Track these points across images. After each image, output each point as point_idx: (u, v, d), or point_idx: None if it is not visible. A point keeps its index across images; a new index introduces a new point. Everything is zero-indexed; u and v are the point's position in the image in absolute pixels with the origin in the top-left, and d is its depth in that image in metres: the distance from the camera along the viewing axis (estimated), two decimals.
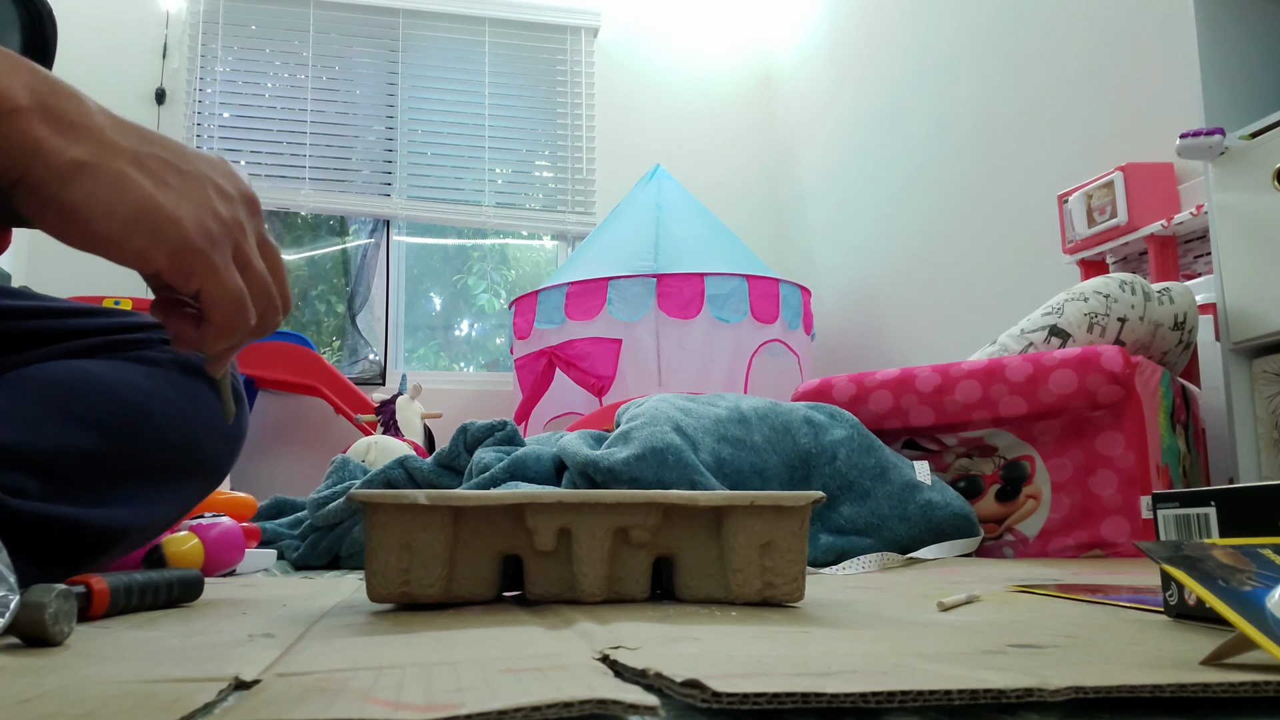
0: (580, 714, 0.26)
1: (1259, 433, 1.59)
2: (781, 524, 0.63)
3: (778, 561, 0.62)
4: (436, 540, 0.60)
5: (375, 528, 0.61)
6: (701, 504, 0.63)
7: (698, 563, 0.64)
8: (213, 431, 0.80)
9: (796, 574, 0.63)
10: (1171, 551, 0.41)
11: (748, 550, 0.62)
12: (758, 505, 0.62)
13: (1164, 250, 2.01)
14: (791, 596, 0.63)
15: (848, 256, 3.38)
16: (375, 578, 0.60)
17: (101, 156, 0.44)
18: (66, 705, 0.28)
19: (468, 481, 1.75)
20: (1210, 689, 0.30)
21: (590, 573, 0.62)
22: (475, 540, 0.62)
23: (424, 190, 3.68)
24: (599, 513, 0.62)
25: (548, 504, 0.61)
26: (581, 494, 0.62)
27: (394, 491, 0.60)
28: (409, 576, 0.60)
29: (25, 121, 0.43)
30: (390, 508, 0.60)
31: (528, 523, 0.62)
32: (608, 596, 0.63)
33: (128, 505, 0.69)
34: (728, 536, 0.63)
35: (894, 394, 1.79)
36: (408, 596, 0.61)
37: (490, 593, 0.63)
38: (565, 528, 0.62)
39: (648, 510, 0.62)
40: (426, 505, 0.60)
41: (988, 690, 0.29)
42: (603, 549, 0.62)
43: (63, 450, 0.67)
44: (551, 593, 0.63)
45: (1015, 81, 2.63)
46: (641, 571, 0.64)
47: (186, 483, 0.78)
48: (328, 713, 0.26)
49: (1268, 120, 1.58)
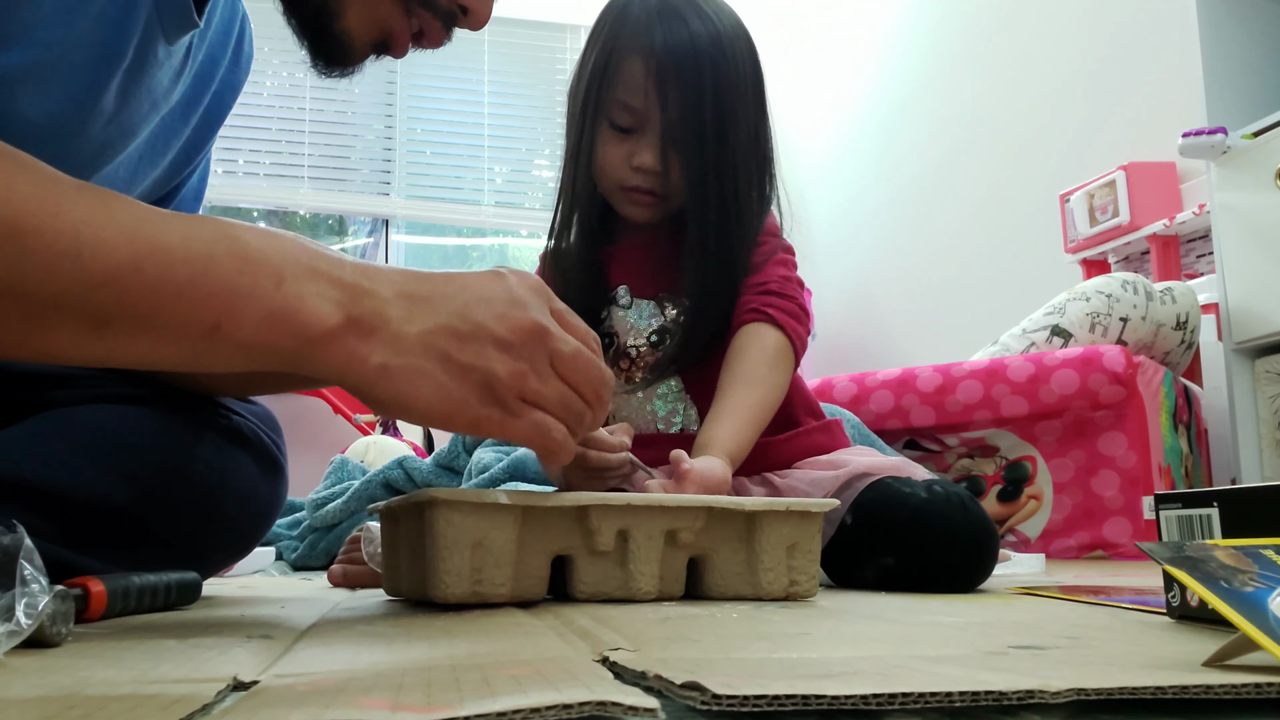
0: (580, 715, 0.26)
1: (1261, 433, 1.59)
2: (805, 527, 0.69)
3: (800, 561, 0.69)
4: (509, 540, 0.62)
5: (450, 526, 0.60)
6: (747, 509, 0.68)
7: (729, 563, 0.69)
8: (245, 504, 0.78)
9: (814, 572, 0.70)
10: (1173, 552, 0.41)
11: (777, 551, 0.68)
12: (790, 511, 0.68)
13: (1166, 250, 2.00)
14: (810, 592, 0.70)
15: (848, 256, 3.38)
16: (447, 577, 0.60)
17: (397, 355, 0.50)
18: (64, 706, 0.28)
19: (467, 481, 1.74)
20: (1212, 690, 0.30)
21: (646, 572, 0.66)
22: (534, 541, 0.64)
23: (423, 189, 3.68)
24: (656, 515, 0.66)
25: (613, 506, 0.65)
26: (643, 497, 0.66)
27: (472, 490, 0.61)
28: (481, 576, 0.61)
29: (338, 342, 0.49)
30: (467, 506, 0.61)
31: (591, 523, 0.64)
32: (659, 595, 0.67)
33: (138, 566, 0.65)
34: (760, 539, 0.68)
35: (895, 394, 1.78)
36: (479, 596, 0.61)
37: (542, 592, 0.65)
38: (624, 529, 0.65)
39: (696, 514, 0.67)
40: (503, 505, 0.61)
41: (989, 692, 0.29)
42: (657, 549, 0.66)
43: (90, 500, 0.67)
44: (603, 592, 0.65)
45: (1016, 81, 2.63)
46: (681, 571, 0.68)
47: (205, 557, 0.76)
48: (326, 713, 0.26)
49: (1270, 119, 1.58)
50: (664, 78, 0.91)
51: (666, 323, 0.97)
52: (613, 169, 0.95)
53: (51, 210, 0.44)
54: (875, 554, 0.81)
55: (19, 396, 0.72)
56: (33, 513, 0.62)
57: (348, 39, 0.66)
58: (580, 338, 0.57)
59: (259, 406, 0.84)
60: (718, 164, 0.93)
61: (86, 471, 0.67)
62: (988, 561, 0.82)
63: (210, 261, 0.47)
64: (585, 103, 0.95)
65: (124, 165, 0.71)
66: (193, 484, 0.73)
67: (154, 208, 0.49)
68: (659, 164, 0.93)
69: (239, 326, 0.48)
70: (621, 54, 0.93)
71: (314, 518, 1.86)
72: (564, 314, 0.57)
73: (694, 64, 0.91)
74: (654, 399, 0.98)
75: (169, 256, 0.46)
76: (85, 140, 0.66)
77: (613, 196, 0.98)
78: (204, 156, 0.85)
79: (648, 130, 0.93)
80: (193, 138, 0.79)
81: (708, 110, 0.92)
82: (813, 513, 0.69)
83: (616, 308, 0.99)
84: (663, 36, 0.91)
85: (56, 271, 0.44)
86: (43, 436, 0.69)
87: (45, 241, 0.44)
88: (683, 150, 0.93)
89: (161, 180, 0.79)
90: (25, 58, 0.58)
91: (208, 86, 0.78)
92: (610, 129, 0.94)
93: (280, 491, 0.83)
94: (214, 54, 0.77)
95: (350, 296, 0.50)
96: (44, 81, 0.60)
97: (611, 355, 0.98)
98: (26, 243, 0.44)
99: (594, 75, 0.95)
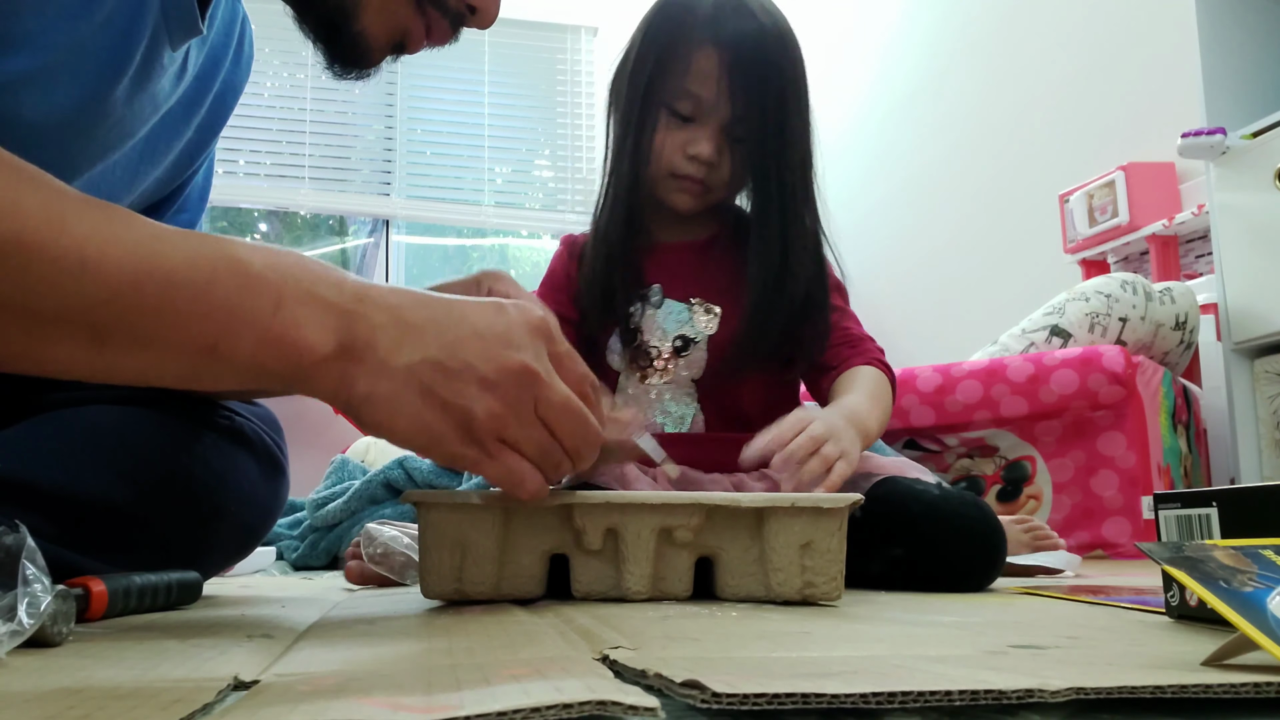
0: (580, 715, 0.26)
1: (1260, 433, 1.59)
2: (821, 524, 0.64)
3: (817, 561, 0.64)
4: (488, 539, 0.62)
5: (430, 527, 0.62)
6: (744, 505, 0.65)
7: (739, 562, 0.66)
8: (246, 504, 0.78)
9: (835, 573, 0.65)
10: (1173, 552, 0.41)
11: (788, 550, 0.64)
12: (798, 507, 0.64)
13: (1165, 250, 2.00)
14: (830, 595, 0.64)
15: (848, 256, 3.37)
16: (430, 575, 0.63)
17: (381, 384, 0.51)
18: (65, 706, 0.28)
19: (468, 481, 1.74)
20: (1211, 690, 0.30)
21: (636, 571, 0.64)
22: (524, 539, 0.64)
23: (423, 190, 3.68)
24: (644, 513, 0.64)
25: (596, 504, 0.63)
26: (629, 495, 0.65)
27: (449, 491, 0.62)
28: (462, 574, 0.62)
29: (329, 366, 0.50)
30: (445, 507, 0.62)
31: (576, 522, 0.64)
32: (653, 595, 0.65)
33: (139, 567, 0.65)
34: (769, 537, 0.65)
35: None
36: (461, 593, 0.63)
37: (538, 590, 0.65)
38: (612, 528, 0.64)
39: (691, 511, 0.64)
40: (479, 505, 0.62)
41: (988, 691, 0.29)
42: (648, 549, 0.64)
43: (91, 500, 0.67)
44: (597, 590, 0.65)
45: (1016, 81, 2.63)
46: (684, 570, 0.66)
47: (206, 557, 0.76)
48: (327, 713, 0.26)
49: (1269, 120, 1.58)
50: (735, 70, 0.92)
51: (693, 331, 0.98)
52: (667, 155, 0.96)
53: (57, 226, 0.45)
54: (883, 545, 0.80)
55: (19, 397, 0.72)
56: (33, 513, 0.62)
57: (365, 40, 0.67)
58: (575, 384, 0.57)
59: (260, 407, 0.84)
60: (778, 158, 0.95)
61: (87, 471, 0.67)
62: (996, 563, 0.82)
63: (211, 282, 0.48)
64: (645, 89, 0.95)
65: (121, 165, 0.71)
66: (193, 484, 0.73)
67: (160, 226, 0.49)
68: (715, 155, 0.94)
69: (235, 348, 0.48)
70: (692, 44, 0.93)
71: (315, 517, 1.86)
72: (563, 358, 0.57)
73: (763, 59, 0.93)
74: (666, 398, 0.98)
75: (171, 276, 0.47)
76: (88, 141, 0.66)
77: (660, 183, 0.98)
78: (207, 156, 0.85)
79: (708, 120, 0.94)
80: (195, 139, 0.79)
81: (771, 104, 0.93)
82: (827, 509, 0.64)
83: (648, 305, 0.99)
84: (735, 30, 0.92)
85: (59, 287, 0.45)
86: (43, 437, 0.69)
87: (49, 257, 0.44)
88: (743, 144, 0.95)
89: (164, 180, 0.79)
90: (29, 63, 0.59)
91: (209, 88, 0.78)
92: (669, 116, 0.95)
93: (281, 491, 0.83)
94: (216, 56, 0.77)
95: (344, 322, 0.50)
96: (48, 86, 0.60)
97: (632, 352, 0.98)
98: (31, 258, 0.44)
99: (659, 63, 0.95)
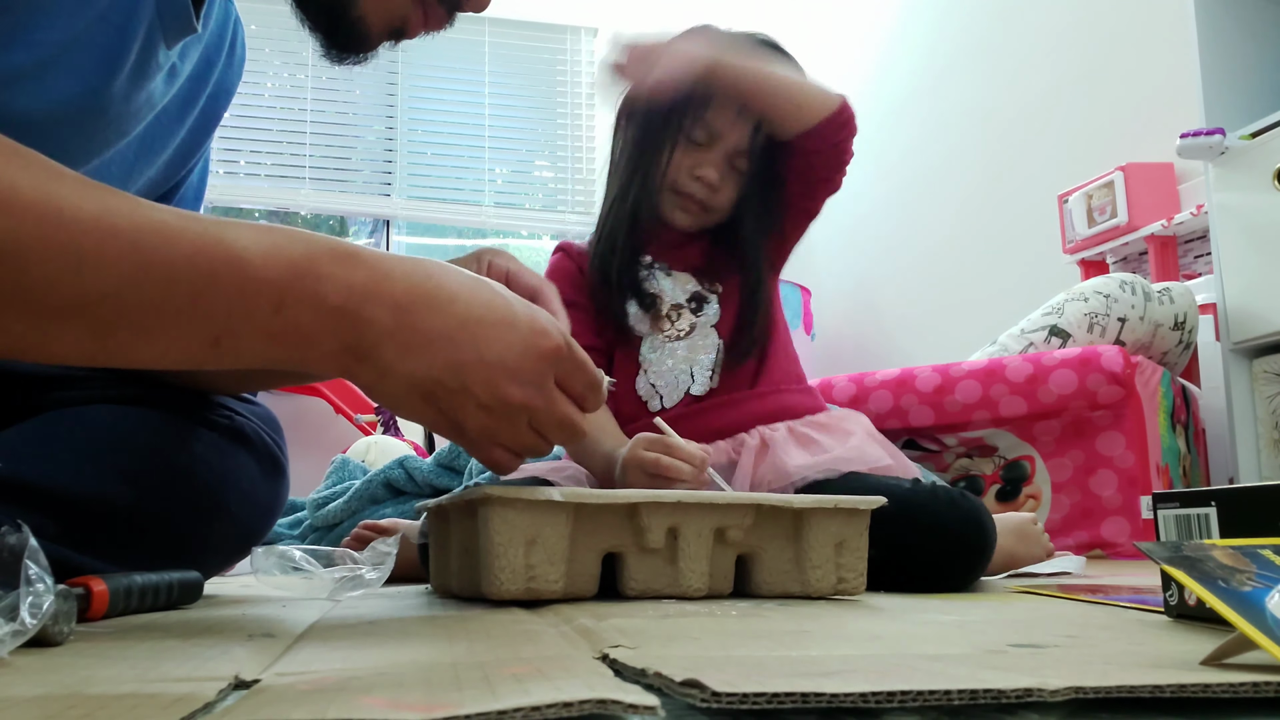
0: (580, 714, 0.26)
1: (1259, 433, 1.59)
2: (852, 525, 0.69)
3: (848, 558, 0.69)
4: (561, 536, 0.62)
5: (504, 524, 0.61)
6: (795, 506, 0.68)
7: (777, 560, 0.69)
8: (246, 504, 0.78)
9: (861, 569, 0.70)
10: (1171, 552, 0.41)
11: (825, 549, 0.69)
12: (837, 509, 0.69)
13: (1164, 250, 2.01)
14: (857, 589, 0.70)
15: (848, 256, 3.38)
16: (501, 574, 0.61)
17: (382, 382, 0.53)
18: (66, 705, 0.28)
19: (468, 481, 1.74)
20: (1210, 689, 0.30)
21: (696, 569, 0.66)
22: (585, 538, 0.64)
23: (424, 190, 3.68)
24: (705, 513, 0.66)
25: (663, 503, 0.65)
26: (693, 495, 0.66)
27: (526, 487, 0.61)
28: (534, 573, 0.62)
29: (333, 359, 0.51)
30: (521, 503, 0.61)
31: (641, 521, 0.65)
32: (709, 592, 0.67)
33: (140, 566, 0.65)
34: (808, 536, 0.68)
35: (894, 394, 1.78)
36: (533, 592, 0.61)
37: (593, 589, 0.65)
38: (674, 526, 0.65)
39: (745, 511, 0.67)
40: (557, 502, 0.62)
41: (987, 690, 0.29)
42: (707, 547, 0.66)
43: (91, 499, 0.67)
44: (653, 589, 0.66)
45: (1015, 81, 2.63)
46: (729, 568, 0.68)
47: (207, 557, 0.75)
48: (327, 712, 0.26)
49: (1268, 120, 1.58)
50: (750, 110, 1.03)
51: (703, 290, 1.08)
52: (673, 173, 1.06)
53: (53, 220, 0.44)
54: None
55: (20, 397, 0.72)
56: (34, 513, 0.62)
57: (363, 25, 0.67)
58: (578, 395, 0.58)
59: (260, 406, 0.84)
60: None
61: (87, 472, 0.67)
62: (976, 560, 0.81)
63: (211, 281, 0.47)
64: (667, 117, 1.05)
65: (116, 162, 0.71)
66: (194, 484, 0.73)
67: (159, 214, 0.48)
68: (718, 180, 1.05)
69: (238, 343, 0.49)
70: None
71: (315, 517, 1.86)
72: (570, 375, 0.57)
73: None
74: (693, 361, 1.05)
75: (170, 274, 0.46)
76: (85, 137, 0.66)
77: (664, 197, 1.07)
78: (202, 155, 0.85)
79: (716, 148, 1.05)
80: (188, 139, 0.79)
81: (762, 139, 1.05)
82: (860, 510, 0.69)
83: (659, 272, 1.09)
84: None
85: (58, 284, 0.44)
86: (44, 437, 0.69)
87: (46, 254, 0.43)
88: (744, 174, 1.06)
89: (159, 180, 0.79)
90: (26, 56, 0.59)
91: (203, 88, 0.78)
92: (685, 140, 1.06)
93: (281, 491, 0.83)
94: (209, 56, 0.77)
95: (347, 325, 0.50)
96: (45, 80, 0.60)
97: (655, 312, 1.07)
98: (27, 255, 0.43)
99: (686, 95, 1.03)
